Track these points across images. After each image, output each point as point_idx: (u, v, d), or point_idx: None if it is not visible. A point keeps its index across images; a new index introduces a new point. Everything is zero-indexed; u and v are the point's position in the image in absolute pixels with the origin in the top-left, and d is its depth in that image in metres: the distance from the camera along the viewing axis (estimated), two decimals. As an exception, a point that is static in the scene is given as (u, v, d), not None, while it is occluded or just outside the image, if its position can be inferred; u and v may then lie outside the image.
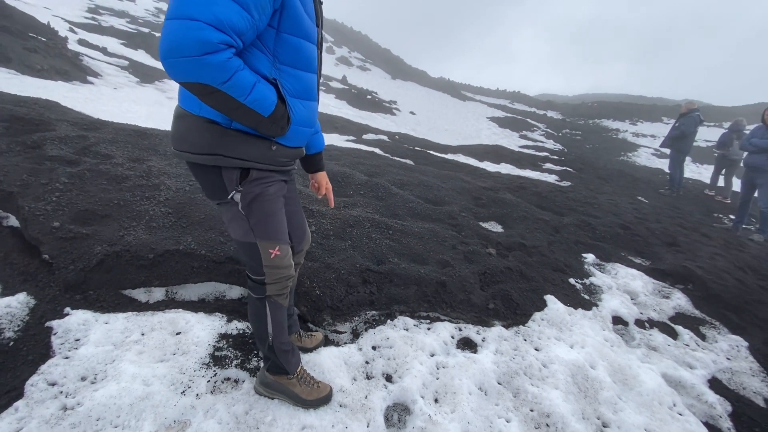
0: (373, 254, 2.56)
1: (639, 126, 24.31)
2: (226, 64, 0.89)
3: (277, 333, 1.40)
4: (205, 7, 0.85)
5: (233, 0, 0.88)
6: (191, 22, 0.84)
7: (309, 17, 1.11)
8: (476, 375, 1.86)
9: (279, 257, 1.29)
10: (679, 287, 3.17)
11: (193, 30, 0.84)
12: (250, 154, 1.12)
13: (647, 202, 6.68)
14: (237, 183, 1.15)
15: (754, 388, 2.27)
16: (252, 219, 1.21)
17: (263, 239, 1.24)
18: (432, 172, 5.26)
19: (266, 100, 1.00)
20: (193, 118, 1.08)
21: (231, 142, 1.08)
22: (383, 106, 15.64)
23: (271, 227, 1.25)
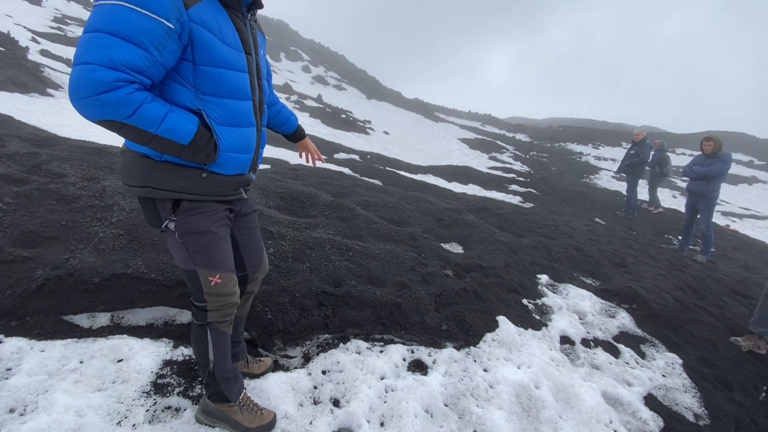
0: (331, 277, 2.59)
1: (601, 150, 25.72)
2: (125, 99, 0.94)
3: (219, 360, 1.40)
4: (97, 51, 0.91)
5: (125, 41, 0.93)
6: (86, 65, 0.91)
7: (229, 46, 1.14)
8: (424, 397, 1.90)
9: (220, 285, 1.30)
10: (624, 307, 3.36)
11: (87, 72, 0.90)
12: (178, 185, 1.15)
13: (603, 223, 7.05)
14: (170, 213, 1.19)
15: (685, 403, 2.42)
16: (190, 248, 1.24)
17: (202, 267, 1.26)
18: (398, 193, 5.38)
19: (180, 128, 1.04)
20: (129, 153, 1.14)
21: (160, 174, 1.13)
22: (357, 125, 15.86)
23: (210, 256, 1.26)
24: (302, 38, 36.29)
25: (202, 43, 1.07)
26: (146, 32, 0.95)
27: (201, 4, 1.05)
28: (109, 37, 0.92)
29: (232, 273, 1.35)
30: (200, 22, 1.05)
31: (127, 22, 0.93)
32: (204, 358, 1.39)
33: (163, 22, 0.97)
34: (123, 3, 0.93)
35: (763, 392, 2.72)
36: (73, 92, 0.92)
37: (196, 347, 1.41)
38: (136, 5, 0.94)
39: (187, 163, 1.14)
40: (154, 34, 0.96)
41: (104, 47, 0.92)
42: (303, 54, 32.45)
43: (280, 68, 27.25)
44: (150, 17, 0.95)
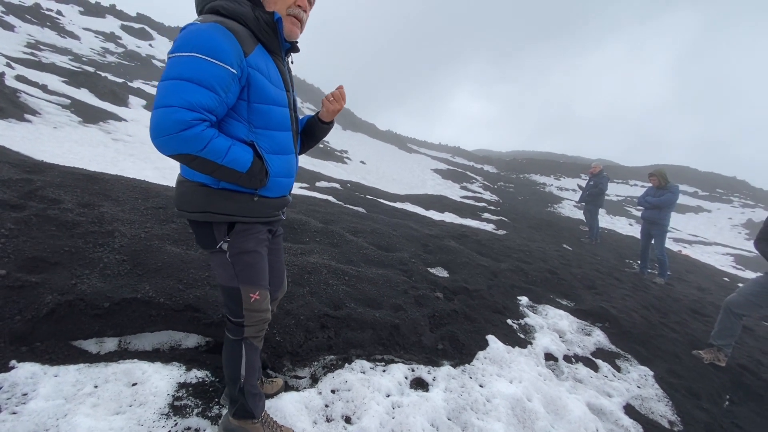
0: (331, 300, 2.69)
1: (562, 181, 27.33)
2: (199, 135, 1.09)
3: (249, 375, 1.47)
4: (177, 95, 1.07)
5: (199, 85, 1.09)
6: (169, 108, 1.06)
7: (275, 85, 1.31)
8: (428, 412, 2.01)
9: (258, 301, 1.42)
10: (598, 325, 3.63)
11: (170, 114, 1.06)
12: (233, 209, 1.30)
13: (571, 249, 7.52)
14: (225, 235, 1.33)
15: (660, 411, 2.65)
16: (237, 266, 1.36)
17: (246, 284, 1.38)
18: (383, 220, 5.57)
19: (241, 159, 1.20)
20: (188, 183, 1.29)
21: (217, 200, 1.28)
22: (335, 154, 16.17)
23: (254, 274, 1.39)
24: (277, 70, 37.05)
25: (257, 84, 1.24)
26: (216, 78, 1.12)
27: (255, 51, 1.23)
28: (187, 83, 1.08)
29: (267, 290, 1.47)
30: (255, 67, 1.23)
31: (201, 70, 1.10)
32: (236, 372, 1.45)
33: (229, 69, 1.14)
34: (197, 54, 1.09)
35: (727, 400, 3.01)
36: (156, 130, 1.07)
37: (228, 362, 1.47)
38: (208, 56, 1.10)
39: (241, 189, 1.29)
40: (222, 79, 1.13)
41: (183, 92, 1.08)
42: (278, 85, 33.02)
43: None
44: (219, 65, 1.12)
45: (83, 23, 22.92)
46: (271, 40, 1.29)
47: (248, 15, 1.22)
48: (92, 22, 24.09)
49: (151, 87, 16.62)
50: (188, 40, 1.10)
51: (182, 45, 1.10)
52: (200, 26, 1.12)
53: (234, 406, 1.51)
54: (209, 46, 1.10)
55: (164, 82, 1.10)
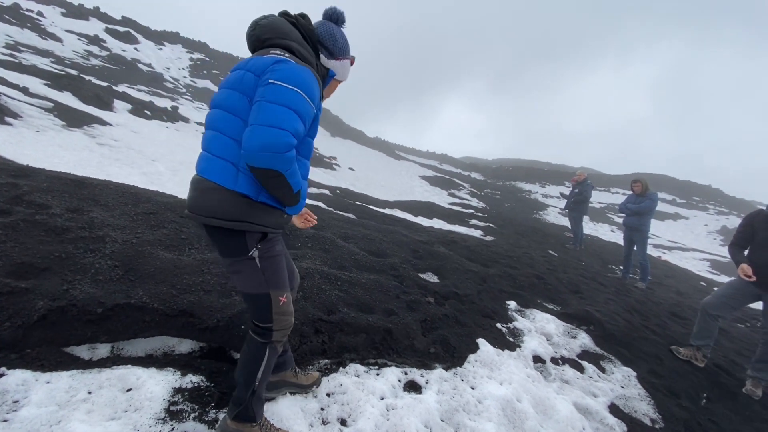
0: (324, 305, 2.71)
1: (547, 188, 27.88)
2: (293, 158, 1.27)
3: (264, 379, 1.53)
4: (289, 122, 1.23)
5: (300, 118, 1.28)
6: (282, 131, 1.21)
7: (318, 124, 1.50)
8: (422, 414, 2.05)
9: (286, 304, 1.52)
10: (583, 328, 3.74)
11: (283, 136, 1.21)
12: (269, 222, 1.42)
13: (556, 255, 7.69)
14: (257, 243, 1.41)
15: (642, 410, 2.74)
16: (267, 272, 1.45)
17: (275, 288, 1.47)
18: (373, 226, 5.61)
19: (300, 181, 1.39)
20: (226, 192, 1.32)
21: (257, 212, 1.37)
22: (324, 161, 16.18)
23: (280, 278, 1.49)
24: (265, 75, 36.95)
25: (315, 123, 1.47)
26: (308, 114, 1.32)
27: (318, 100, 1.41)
28: (294, 114, 1.25)
29: (290, 292, 1.59)
30: (318, 109, 1.44)
31: (302, 105, 1.28)
32: (252, 376, 1.50)
33: (314, 110, 1.36)
34: (300, 92, 1.28)
35: (704, 399, 3.13)
36: (265, 145, 1.19)
37: (247, 365, 1.51)
38: (306, 95, 1.30)
39: (275, 205, 1.41)
40: (309, 116, 1.34)
41: (293, 121, 1.25)
42: (266, 91, 32.93)
43: (242, 103, 27.40)
44: (310, 105, 1.32)
45: (66, 25, 22.50)
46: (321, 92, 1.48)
47: (314, 65, 1.45)
48: (75, 24, 23.66)
49: (136, 91, 16.39)
50: (293, 77, 1.27)
51: (289, 79, 1.26)
52: (300, 68, 1.31)
53: (237, 408, 1.53)
54: (307, 87, 1.30)
55: (275, 105, 1.23)
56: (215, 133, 1.35)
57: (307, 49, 1.44)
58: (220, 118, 1.35)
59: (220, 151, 1.33)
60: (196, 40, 33.46)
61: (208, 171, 1.34)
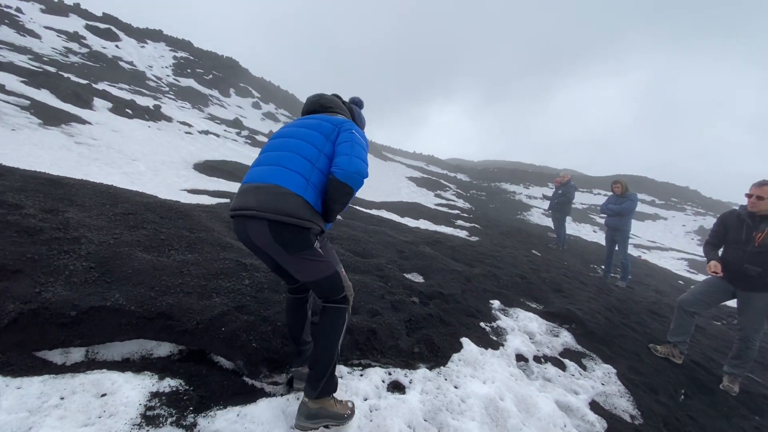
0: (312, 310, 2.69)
1: (531, 189, 28.28)
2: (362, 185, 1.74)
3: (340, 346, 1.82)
4: (366, 160, 1.76)
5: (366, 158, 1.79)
6: (365, 164, 1.74)
7: None
8: (406, 414, 2.05)
9: (346, 277, 1.89)
10: (565, 326, 3.80)
11: (366, 168, 1.73)
12: (322, 224, 1.75)
13: (540, 255, 7.80)
14: (317, 238, 1.76)
15: (622, 407, 2.80)
16: (330, 256, 1.83)
17: (339, 265, 1.86)
18: (359, 226, 5.60)
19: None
20: (300, 198, 1.65)
21: (317, 216, 1.72)
22: (309, 161, 16.08)
23: (337, 258, 1.92)
24: (252, 76, 36.46)
25: None
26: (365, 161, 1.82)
27: None
28: (366, 153, 1.78)
29: None
30: None
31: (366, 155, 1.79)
32: (335, 345, 1.77)
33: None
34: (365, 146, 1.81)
35: (682, 395, 3.21)
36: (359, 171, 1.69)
37: (329, 336, 1.77)
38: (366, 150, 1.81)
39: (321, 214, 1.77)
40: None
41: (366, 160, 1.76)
42: (253, 91, 32.47)
43: (229, 104, 26.96)
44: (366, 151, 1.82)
45: (45, 22, 21.82)
46: None
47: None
48: (54, 20, 22.97)
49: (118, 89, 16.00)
50: (364, 137, 1.85)
51: (363, 137, 1.84)
52: (363, 133, 1.89)
53: (319, 386, 1.72)
54: (367, 145, 1.86)
55: (361, 147, 1.76)
56: (291, 154, 1.72)
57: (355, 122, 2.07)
58: (299, 145, 1.74)
59: (296, 167, 1.68)
60: (179, 39, 32.85)
61: (285, 180, 1.66)
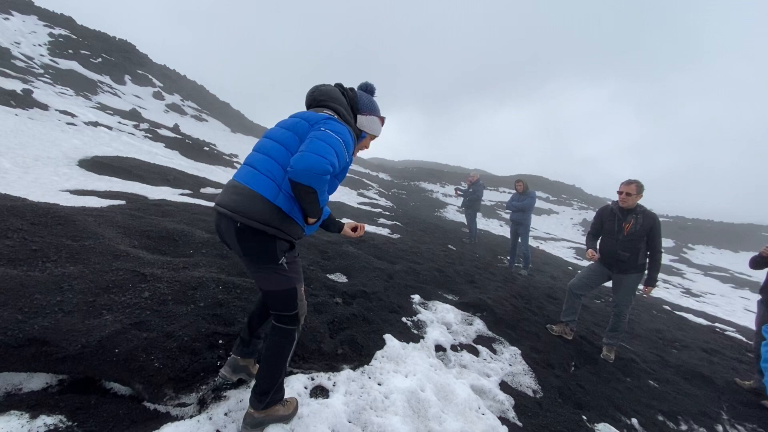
0: (221, 316, 2.49)
1: (446, 188, 30.07)
2: (324, 182, 1.56)
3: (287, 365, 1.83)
4: (329, 155, 1.56)
5: (337, 157, 1.60)
6: (323, 158, 1.53)
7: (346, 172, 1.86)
8: (329, 418, 2.01)
9: (303, 294, 1.86)
10: (478, 315, 4.11)
11: (323, 163, 1.52)
12: (294, 233, 1.71)
13: (455, 249, 8.34)
14: (286, 250, 1.72)
15: (526, 383, 3.12)
16: (292, 271, 1.76)
17: (299, 282, 1.81)
18: (278, 228, 5.36)
19: (324, 200, 1.70)
20: (268, 203, 1.60)
21: (288, 224, 1.66)
22: (223, 158, 14.94)
23: (300, 274, 1.84)
24: (153, 63, 32.50)
25: (344, 170, 1.83)
26: (342, 157, 1.67)
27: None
28: (334, 151, 1.59)
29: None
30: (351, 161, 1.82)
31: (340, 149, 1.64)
32: (284, 361, 1.78)
33: (348, 156, 1.73)
34: (340, 139, 1.65)
35: (573, 366, 3.69)
36: (310, 167, 1.50)
37: (278, 354, 1.77)
38: (345, 144, 1.68)
39: (299, 222, 1.72)
40: (343, 159, 1.69)
41: (332, 155, 1.57)
42: (154, 80, 28.97)
43: (125, 92, 23.69)
44: (345, 152, 1.69)
45: None
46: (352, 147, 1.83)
47: (353, 125, 1.88)
48: None
49: (-33, 67, 12.99)
50: (337, 130, 1.67)
51: (336, 132, 1.66)
52: (343, 126, 1.74)
53: (266, 399, 1.73)
54: (346, 139, 1.70)
55: (322, 141, 1.59)
56: (265, 156, 1.67)
57: (350, 113, 1.89)
58: (272, 146, 1.69)
59: (266, 170, 1.63)
60: (57, 13, 27.90)
61: (254, 183, 1.61)
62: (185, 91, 31.51)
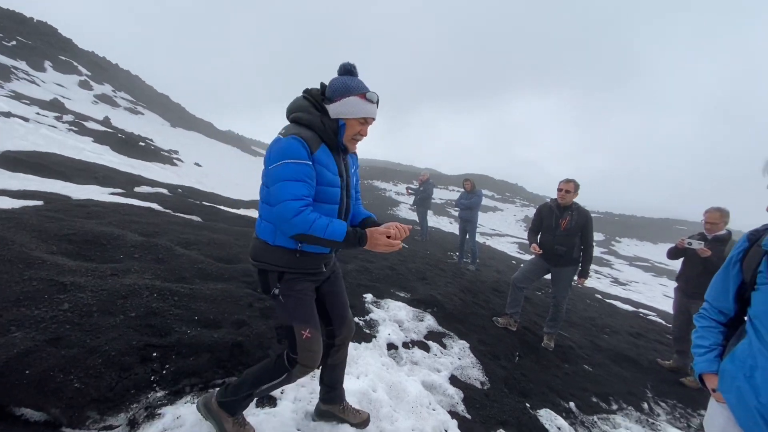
0: (155, 326, 2.30)
1: (398, 186, 30.50)
2: (305, 219, 1.45)
3: (265, 393, 1.76)
4: (286, 192, 1.45)
5: (296, 181, 1.47)
6: (282, 202, 1.45)
7: (332, 173, 1.62)
8: (276, 428, 1.93)
9: (309, 340, 1.63)
10: (428, 311, 4.18)
11: (285, 206, 1.44)
12: (283, 262, 1.62)
13: (407, 246, 8.45)
14: (276, 281, 1.64)
15: (474, 376, 3.22)
16: (288, 306, 1.64)
17: (297, 321, 1.63)
18: (223, 229, 5.08)
19: (337, 232, 1.48)
20: (255, 240, 1.66)
21: (271, 255, 1.62)
22: (161, 155, 13.89)
23: (303, 313, 1.65)
24: (78, 48, 29.30)
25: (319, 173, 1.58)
26: (303, 172, 1.49)
27: (319, 150, 1.58)
28: (287, 182, 1.46)
29: (318, 332, 1.68)
30: (318, 161, 1.57)
31: (291, 169, 1.47)
32: (258, 385, 1.70)
33: (308, 163, 1.51)
34: (287, 160, 1.47)
35: (517, 356, 3.88)
36: (280, 219, 1.47)
37: (262, 374, 1.70)
38: (293, 159, 1.47)
39: (288, 246, 1.60)
40: (307, 171, 1.50)
41: (289, 188, 1.45)
42: (80, 67, 26.15)
43: (45, 80, 21.15)
44: (302, 163, 1.49)
45: None
46: (331, 141, 1.64)
47: (317, 123, 1.59)
48: None
49: None
50: (279, 152, 1.49)
51: (276, 157, 1.49)
52: (284, 140, 1.50)
53: (228, 397, 1.71)
54: (290, 152, 1.48)
55: (272, 187, 1.49)
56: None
57: (312, 112, 1.61)
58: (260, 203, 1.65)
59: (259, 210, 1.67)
60: (-47, -16, 24.23)
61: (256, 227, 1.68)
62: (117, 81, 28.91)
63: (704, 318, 1.38)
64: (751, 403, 1.06)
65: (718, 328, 1.33)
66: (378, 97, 1.66)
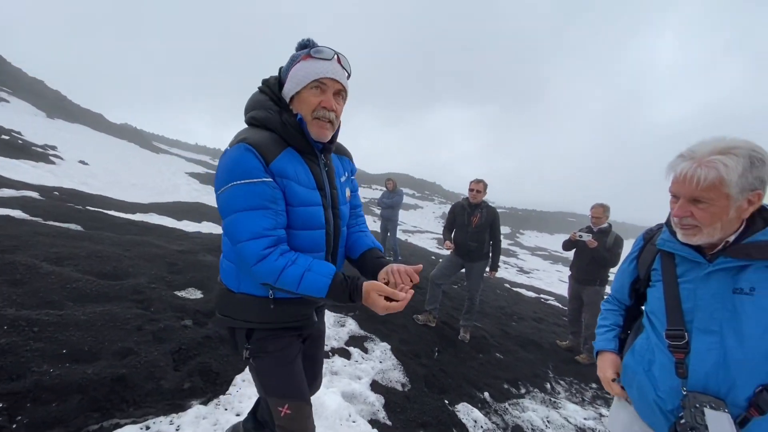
0: (5, 367, 1.83)
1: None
2: (271, 267, 1.06)
3: None
4: (242, 228, 1.06)
5: (252, 210, 1.06)
6: (241, 244, 1.06)
7: (304, 186, 1.19)
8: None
9: (289, 417, 1.23)
10: (350, 315, 4.09)
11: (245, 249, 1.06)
12: (251, 316, 1.22)
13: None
14: (245, 341, 1.24)
15: (395, 378, 3.20)
16: (260, 375, 1.26)
17: (271, 395, 1.25)
18: (110, 239, 4.37)
19: (316, 285, 1.07)
20: (219, 285, 1.29)
21: (235, 305, 1.23)
22: (33, 151, 11.63)
23: (277, 383, 1.25)
24: None
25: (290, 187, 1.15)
26: (260, 195, 1.07)
27: (281, 156, 1.14)
28: (241, 214, 1.07)
29: (303, 402, 1.26)
30: (278, 173, 1.13)
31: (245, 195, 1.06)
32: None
33: (265, 180, 1.09)
34: (235, 182, 1.06)
35: (436, 352, 3.98)
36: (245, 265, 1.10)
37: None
38: (244, 179, 1.06)
39: (257, 294, 1.19)
40: (265, 193, 1.08)
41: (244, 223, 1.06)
42: None
43: None
44: (256, 182, 1.07)
45: None
46: (299, 142, 1.20)
47: (274, 121, 1.18)
48: None
49: None
50: (224, 170, 1.10)
51: (221, 179, 1.10)
52: (228, 153, 1.11)
53: None
54: (240, 169, 1.08)
55: (225, 220, 1.10)
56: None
57: (269, 107, 1.20)
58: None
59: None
60: None
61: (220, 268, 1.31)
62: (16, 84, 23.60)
63: (608, 302, 1.49)
64: (650, 396, 1.14)
65: (618, 311, 1.44)
66: (336, 53, 1.19)
